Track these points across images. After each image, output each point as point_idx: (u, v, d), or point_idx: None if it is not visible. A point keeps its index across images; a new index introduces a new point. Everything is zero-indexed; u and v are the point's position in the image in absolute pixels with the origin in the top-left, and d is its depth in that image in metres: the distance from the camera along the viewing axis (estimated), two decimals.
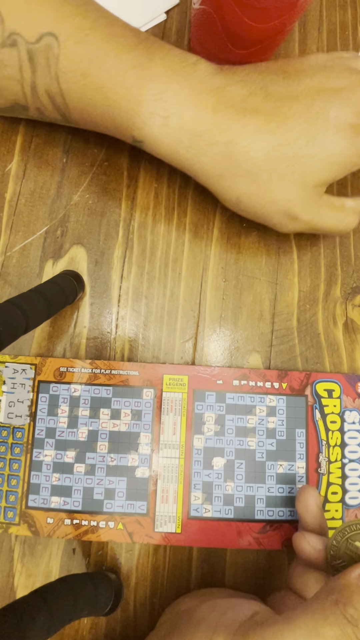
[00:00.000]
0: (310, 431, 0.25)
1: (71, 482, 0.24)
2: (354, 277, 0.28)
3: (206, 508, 0.24)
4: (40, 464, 0.24)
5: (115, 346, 0.27)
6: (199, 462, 0.25)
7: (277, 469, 0.25)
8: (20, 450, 0.24)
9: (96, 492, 0.24)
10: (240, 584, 0.24)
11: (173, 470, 0.24)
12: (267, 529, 0.24)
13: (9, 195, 0.28)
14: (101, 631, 0.24)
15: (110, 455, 0.24)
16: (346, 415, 0.26)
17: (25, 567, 0.24)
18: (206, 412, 0.25)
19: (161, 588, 0.24)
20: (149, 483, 0.24)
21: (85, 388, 0.25)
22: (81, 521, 0.24)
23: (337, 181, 0.29)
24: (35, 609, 0.17)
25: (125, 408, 0.25)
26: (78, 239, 0.28)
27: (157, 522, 0.24)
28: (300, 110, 0.21)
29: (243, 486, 0.24)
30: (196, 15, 0.27)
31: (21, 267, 0.27)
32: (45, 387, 0.25)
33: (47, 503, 0.24)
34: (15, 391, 0.25)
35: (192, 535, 0.24)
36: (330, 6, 0.32)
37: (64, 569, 0.24)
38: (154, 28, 0.30)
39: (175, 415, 0.25)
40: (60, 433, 0.25)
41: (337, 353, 0.27)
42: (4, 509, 0.24)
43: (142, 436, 0.25)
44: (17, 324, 0.20)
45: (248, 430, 0.25)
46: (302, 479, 0.25)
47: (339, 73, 0.22)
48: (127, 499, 0.24)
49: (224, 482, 0.24)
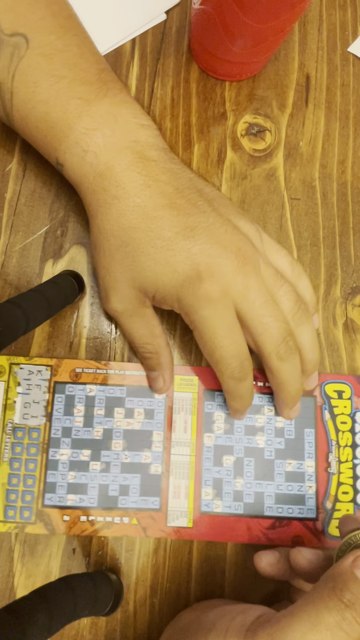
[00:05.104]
0: (319, 431, 0.26)
1: (87, 479, 0.25)
2: (354, 277, 0.28)
3: (216, 504, 0.25)
4: (57, 463, 0.25)
5: (115, 346, 0.27)
6: (209, 459, 0.25)
7: (286, 467, 0.25)
8: (36, 450, 0.25)
9: (111, 488, 0.25)
10: (241, 584, 0.24)
11: (184, 467, 0.25)
12: (277, 525, 0.24)
13: (9, 195, 0.28)
14: (101, 631, 0.24)
15: (125, 453, 0.25)
16: (357, 416, 0.26)
17: (25, 567, 0.24)
18: (216, 411, 0.26)
19: (161, 588, 0.24)
20: (161, 479, 0.25)
21: (100, 388, 0.26)
22: (96, 517, 0.24)
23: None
24: (35, 609, 0.17)
25: (138, 407, 0.26)
26: (78, 239, 0.28)
27: (169, 517, 0.24)
28: (202, 226, 0.21)
29: (252, 483, 0.25)
30: (196, 15, 0.27)
31: (21, 267, 0.27)
32: (61, 388, 0.26)
33: (63, 501, 0.24)
34: (31, 392, 0.25)
35: (203, 529, 0.24)
36: (330, 6, 0.32)
37: (64, 569, 0.24)
38: (154, 28, 0.30)
39: (186, 414, 0.26)
40: (76, 432, 0.25)
41: (337, 353, 0.27)
42: (20, 509, 0.24)
43: (154, 434, 0.25)
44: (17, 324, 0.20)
45: (257, 429, 0.26)
46: (311, 477, 0.25)
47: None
48: (141, 494, 0.25)
49: (233, 479, 0.25)
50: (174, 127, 0.29)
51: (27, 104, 0.22)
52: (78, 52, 0.23)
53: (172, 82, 0.30)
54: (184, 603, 0.24)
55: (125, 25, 0.30)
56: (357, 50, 0.31)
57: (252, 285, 0.21)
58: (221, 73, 0.29)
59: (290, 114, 0.30)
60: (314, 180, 0.29)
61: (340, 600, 0.15)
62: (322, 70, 0.31)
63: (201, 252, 0.21)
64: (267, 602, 0.24)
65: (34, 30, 0.22)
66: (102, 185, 0.22)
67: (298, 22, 0.31)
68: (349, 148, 0.30)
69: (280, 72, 0.31)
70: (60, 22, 0.23)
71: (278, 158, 0.29)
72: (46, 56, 0.22)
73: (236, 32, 0.25)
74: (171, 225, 0.21)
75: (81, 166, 0.22)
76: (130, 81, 0.30)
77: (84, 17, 0.25)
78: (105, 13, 0.30)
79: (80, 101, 0.22)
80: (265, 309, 0.21)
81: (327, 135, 0.30)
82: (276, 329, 0.22)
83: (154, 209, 0.21)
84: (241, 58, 0.27)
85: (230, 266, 0.21)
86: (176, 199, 0.22)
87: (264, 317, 0.21)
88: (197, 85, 0.30)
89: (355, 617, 0.14)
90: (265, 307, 0.21)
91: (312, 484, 0.25)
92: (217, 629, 0.18)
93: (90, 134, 0.22)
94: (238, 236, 0.22)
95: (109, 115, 0.22)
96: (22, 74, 0.22)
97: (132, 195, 0.22)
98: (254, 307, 0.21)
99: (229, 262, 0.21)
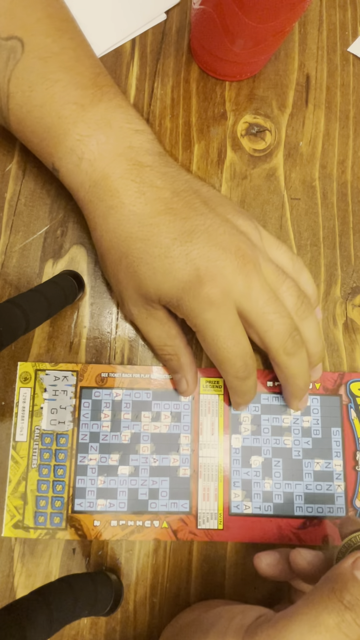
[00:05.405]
0: (346, 430, 0.26)
1: (116, 484, 0.25)
2: (354, 277, 0.28)
3: (246, 505, 0.25)
4: (85, 468, 0.25)
5: (115, 346, 0.27)
6: (237, 460, 0.25)
7: (314, 466, 0.25)
8: (64, 456, 0.25)
9: (140, 492, 0.25)
10: (241, 584, 0.24)
11: (213, 469, 0.25)
12: (307, 525, 0.25)
13: (9, 195, 0.28)
14: (101, 631, 0.24)
15: (153, 457, 0.25)
16: None
17: (25, 567, 0.24)
18: (242, 413, 0.26)
19: (161, 588, 0.24)
20: (190, 482, 0.25)
21: (126, 392, 0.26)
22: (127, 522, 0.24)
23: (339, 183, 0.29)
24: (35, 609, 0.17)
25: (165, 410, 0.26)
26: (78, 239, 0.28)
27: (200, 519, 0.24)
28: (200, 229, 0.21)
29: (281, 483, 0.25)
30: (196, 15, 0.27)
31: (21, 267, 0.27)
32: (87, 393, 0.26)
33: (93, 506, 0.24)
34: (57, 398, 0.25)
35: (234, 531, 0.24)
36: (330, 6, 0.32)
37: (64, 569, 0.24)
38: (154, 28, 0.30)
39: (213, 416, 0.26)
40: (104, 437, 0.25)
41: (337, 353, 0.27)
42: (50, 515, 0.24)
43: (182, 437, 0.25)
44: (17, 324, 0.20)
45: (284, 429, 0.26)
46: (339, 476, 0.25)
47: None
48: (171, 498, 0.25)
49: (262, 480, 0.25)
50: (174, 127, 0.29)
51: (22, 108, 0.22)
52: (74, 56, 0.23)
53: (172, 82, 0.30)
54: (184, 603, 0.24)
55: (125, 25, 0.30)
56: (357, 50, 0.31)
57: (254, 285, 0.21)
58: (221, 73, 0.29)
59: (290, 114, 0.30)
60: (314, 180, 0.29)
61: (339, 602, 0.15)
62: (322, 70, 0.31)
63: (200, 256, 0.21)
64: (267, 602, 0.24)
65: (29, 33, 0.22)
66: (98, 195, 0.22)
67: (298, 22, 0.31)
68: (349, 148, 0.30)
69: (280, 72, 0.31)
70: (57, 25, 0.23)
71: (278, 158, 0.29)
72: (42, 59, 0.22)
73: (236, 32, 0.25)
74: (168, 231, 0.21)
75: (77, 174, 0.22)
76: (130, 81, 0.30)
77: (84, 18, 0.25)
78: (105, 13, 0.30)
79: (75, 106, 0.22)
80: (269, 306, 0.21)
81: (327, 135, 0.30)
82: (282, 325, 0.22)
83: (150, 216, 0.21)
84: (241, 58, 0.27)
85: (230, 267, 0.21)
86: (173, 204, 0.22)
87: (268, 315, 0.22)
88: (197, 85, 0.30)
89: (354, 619, 0.14)
90: (268, 304, 0.22)
91: (341, 483, 0.25)
92: (216, 630, 0.18)
93: (85, 140, 0.22)
94: (237, 236, 0.22)
95: (104, 121, 0.22)
96: (17, 78, 0.22)
97: (127, 203, 0.22)
98: (258, 305, 0.21)
99: (229, 264, 0.21)
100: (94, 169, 0.22)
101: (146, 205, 0.21)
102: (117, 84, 0.24)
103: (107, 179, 0.22)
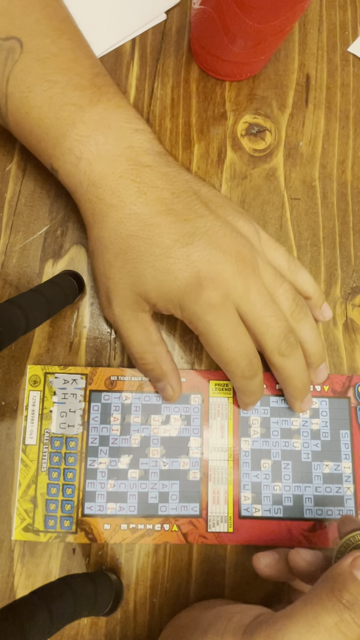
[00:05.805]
0: (354, 432, 0.26)
1: (126, 487, 0.25)
2: (353, 277, 0.28)
3: (256, 508, 0.25)
4: (95, 472, 0.25)
5: (115, 346, 0.27)
6: (247, 463, 0.25)
7: (324, 469, 0.25)
8: (74, 460, 0.25)
9: (150, 496, 0.25)
10: (241, 584, 0.24)
11: (223, 472, 0.25)
12: (317, 527, 0.25)
13: (9, 195, 0.28)
14: (101, 631, 0.24)
15: (163, 460, 0.25)
16: None
17: (25, 567, 0.24)
18: (252, 416, 0.26)
19: (161, 588, 0.24)
20: (200, 485, 0.25)
21: (136, 395, 0.26)
22: (137, 525, 0.24)
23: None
24: (35, 609, 0.17)
25: (174, 414, 0.26)
26: (78, 239, 0.28)
27: (210, 523, 0.24)
28: (200, 231, 0.21)
29: (291, 486, 0.25)
30: (196, 15, 0.27)
31: (21, 267, 0.27)
32: (97, 396, 0.25)
33: (103, 510, 0.24)
34: (67, 401, 0.25)
35: (245, 534, 0.24)
36: (330, 6, 0.32)
37: (64, 569, 0.24)
38: (153, 28, 0.30)
39: (222, 419, 0.26)
40: (114, 440, 0.25)
41: (337, 353, 0.27)
42: (60, 519, 0.24)
43: (192, 440, 0.25)
44: (17, 324, 0.20)
45: (293, 432, 0.26)
46: (349, 478, 0.25)
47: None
48: (180, 501, 0.25)
49: (272, 483, 0.25)
50: (174, 127, 0.29)
51: (21, 109, 0.22)
52: (72, 56, 0.23)
53: (172, 82, 0.30)
54: (184, 603, 0.24)
55: (125, 25, 0.30)
56: (357, 50, 0.31)
57: (252, 288, 0.21)
58: (221, 73, 0.29)
59: (290, 114, 0.30)
60: (314, 180, 0.29)
61: (338, 601, 0.15)
62: (322, 70, 0.31)
63: (201, 259, 0.21)
64: (266, 602, 0.24)
65: (28, 34, 0.22)
66: (97, 194, 0.22)
67: (298, 22, 0.31)
68: (349, 148, 0.30)
69: (280, 72, 0.31)
70: (55, 25, 0.23)
71: (278, 158, 0.29)
72: (40, 60, 0.22)
73: (236, 32, 0.25)
74: (169, 232, 0.21)
75: (75, 174, 0.22)
76: (130, 81, 0.30)
77: (84, 18, 0.25)
78: (105, 13, 0.30)
79: (74, 107, 0.22)
80: (266, 309, 0.22)
81: (327, 135, 0.30)
82: (277, 327, 0.22)
83: (151, 216, 0.21)
84: (241, 58, 0.27)
85: (230, 270, 0.21)
86: (173, 204, 0.22)
87: (265, 318, 0.22)
88: (197, 85, 0.30)
89: (353, 618, 0.14)
90: (265, 308, 0.22)
91: (350, 485, 0.25)
92: (214, 629, 0.18)
93: (84, 141, 0.22)
94: (237, 239, 0.22)
95: (103, 122, 0.22)
96: (16, 79, 0.22)
97: (128, 203, 0.22)
98: (255, 308, 0.22)
99: (229, 267, 0.21)
100: (93, 169, 0.22)
101: (147, 205, 0.21)
102: (117, 84, 0.24)
103: (106, 179, 0.22)
